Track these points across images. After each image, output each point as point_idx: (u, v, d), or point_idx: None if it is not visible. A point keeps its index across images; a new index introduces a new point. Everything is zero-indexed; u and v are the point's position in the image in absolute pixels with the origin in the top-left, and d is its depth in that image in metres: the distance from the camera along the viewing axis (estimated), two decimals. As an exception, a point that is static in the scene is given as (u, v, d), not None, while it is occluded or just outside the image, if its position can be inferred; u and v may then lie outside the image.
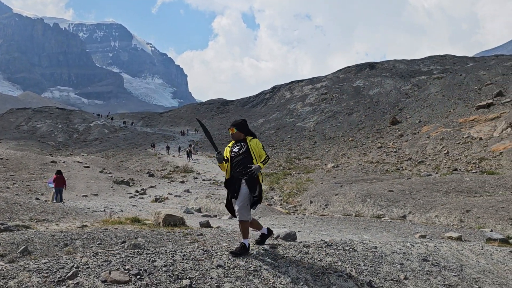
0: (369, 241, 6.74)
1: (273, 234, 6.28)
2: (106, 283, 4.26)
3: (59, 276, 4.30)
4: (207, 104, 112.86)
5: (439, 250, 6.75)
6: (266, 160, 5.87)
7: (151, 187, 32.39)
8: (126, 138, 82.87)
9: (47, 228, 10.83)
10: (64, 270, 4.42)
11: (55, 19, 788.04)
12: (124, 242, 8.27)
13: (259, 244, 6.13)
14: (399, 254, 6.15)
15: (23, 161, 35.72)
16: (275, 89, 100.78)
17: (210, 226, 11.04)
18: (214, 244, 7.64)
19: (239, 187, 5.59)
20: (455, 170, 34.25)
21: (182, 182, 36.07)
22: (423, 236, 11.12)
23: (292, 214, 21.55)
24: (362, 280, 5.11)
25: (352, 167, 40.65)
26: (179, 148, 63.91)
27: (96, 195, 26.39)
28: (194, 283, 4.42)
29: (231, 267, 4.84)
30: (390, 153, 44.43)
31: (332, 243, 6.09)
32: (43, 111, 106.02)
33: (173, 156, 58.44)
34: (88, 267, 4.55)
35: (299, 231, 11.44)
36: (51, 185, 22.67)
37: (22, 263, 4.63)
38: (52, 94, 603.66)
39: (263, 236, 6.13)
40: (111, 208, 18.44)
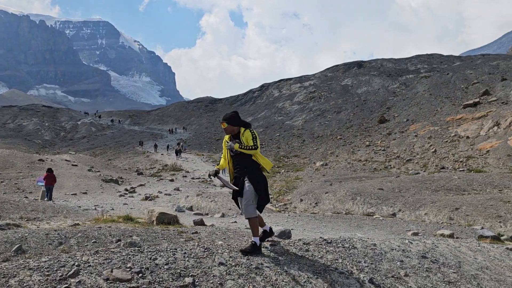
0: (368, 238, 6.79)
1: (273, 234, 6.10)
2: (108, 281, 4.24)
3: (60, 274, 4.27)
4: (195, 102, 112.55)
5: (437, 247, 6.83)
6: (247, 148, 5.41)
7: (141, 185, 32.26)
8: (114, 136, 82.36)
9: (38, 227, 10.73)
10: (65, 269, 4.39)
11: (41, 16, 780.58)
12: (119, 241, 8.23)
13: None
14: (398, 251, 6.20)
15: (9, 159, 35.32)
16: (264, 87, 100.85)
17: (204, 224, 11.04)
18: (210, 242, 7.65)
19: (243, 185, 5.44)
20: (443, 168, 34.58)
21: (172, 180, 35.96)
22: (415, 234, 11.22)
23: (283, 212, 21.60)
24: (363, 277, 5.14)
25: (341, 165, 40.83)
26: (168, 146, 63.62)
27: (85, 193, 26.23)
28: (197, 281, 4.42)
29: (233, 264, 4.84)
30: (379, 151, 44.70)
31: (331, 241, 6.12)
32: (29, 109, 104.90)
33: (161, 154, 58.20)
34: (89, 265, 4.52)
35: (292, 229, 11.47)
36: (40, 183, 22.49)
37: (21, 262, 4.59)
38: (38, 92, 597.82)
39: (265, 233, 5.95)
40: (102, 207, 18.35)
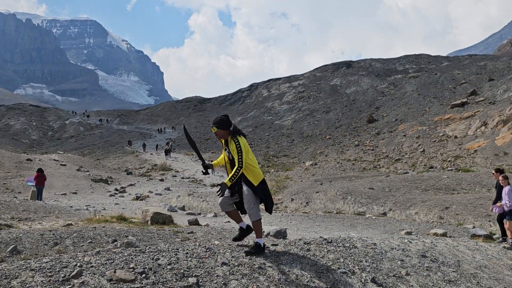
0: (367, 237, 6.84)
1: (251, 232, 5.62)
2: (112, 282, 4.23)
3: (63, 275, 4.25)
4: (184, 102, 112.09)
5: (436, 246, 6.90)
6: (235, 174, 5.05)
7: (131, 185, 32.12)
8: (102, 136, 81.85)
9: (30, 227, 10.64)
10: (68, 269, 4.37)
11: (28, 15, 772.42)
12: (115, 241, 8.20)
13: (236, 241, 5.69)
14: (398, 250, 6.26)
15: (-3, 159, 34.98)
16: (253, 87, 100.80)
17: (198, 224, 11.04)
18: (207, 242, 7.64)
19: (241, 189, 5.25)
20: (431, 167, 34.87)
21: (162, 180, 35.86)
22: (409, 233, 11.31)
23: (275, 211, 21.62)
24: (365, 276, 5.19)
25: (330, 165, 40.99)
26: (157, 146, 63.43)
27: (75, 193, 26.07)
28: (200, 281, 4.42)
29: (236, 264, 4.85)
30: (367, 151, 44.96)
31: (332, 240, 6.15)
32: (16, 108, 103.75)
33: (150, 154, 57.93)
34: (92, 265, 4.51)
35: (287, 229, 11.49)
36: (30, 183, 22.30)
37: (22, 262, 4.56)
38: (25, 91, 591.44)
39: (242, 231, 5.61)
40: (94, 207, 18.26)
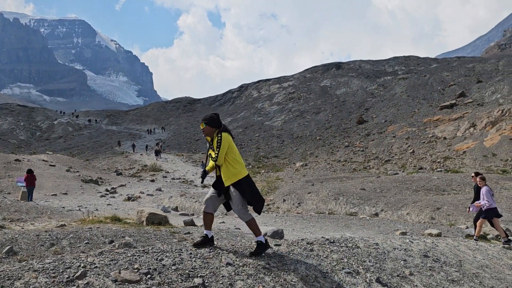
0: (369, 237, 6.86)
1: (213, 244, 5.51)
2: (117, 283, 4.19)
3: (67, 276, 4.21)
4: (174, 102, 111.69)
5: (437, 246, 6.94)
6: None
7: (121, 186, 31.98)
8: (91, 136, 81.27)
9: (22, 228, 10.54)
10: (72, 270, 4.33)
11: (15, 14, 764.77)
12: (112, 241, 8.13)
13: (195, 246, 5.39)
14: (400, 250, 6.28)
15: (-15, 159, 34.63)
16: (243, 88, 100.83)
17: (195, 225, 11.02)
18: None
19: (228, 192, 5.29)
20: (421, 168, 35.11)
21: (152, 181, 35.73)
22: (403, 233, 11.37)
23: (267, 212, 21.63)
24: (370, 276, 5.20)
25: (321, 165, 41.09)
26: (146, 147, 63.16)
27: (66, 194, 25.87)
28: (206, 281, 4.40)
29: (241, 265, 4.84)
30: (357, 152, 45.14)
31: (334, 240, 6.16)
32: (3, 108, 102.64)
33: (140, 154, 57.68)
34: (96, 266, 4.47)
35: (283, 229, 11.50)
36: (20, 184, 22.10)
37: (25, 263, 4.52)
38: (12, 91, 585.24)
39: (204, 240, 5.45)
40: (86, 207, 18.12)
